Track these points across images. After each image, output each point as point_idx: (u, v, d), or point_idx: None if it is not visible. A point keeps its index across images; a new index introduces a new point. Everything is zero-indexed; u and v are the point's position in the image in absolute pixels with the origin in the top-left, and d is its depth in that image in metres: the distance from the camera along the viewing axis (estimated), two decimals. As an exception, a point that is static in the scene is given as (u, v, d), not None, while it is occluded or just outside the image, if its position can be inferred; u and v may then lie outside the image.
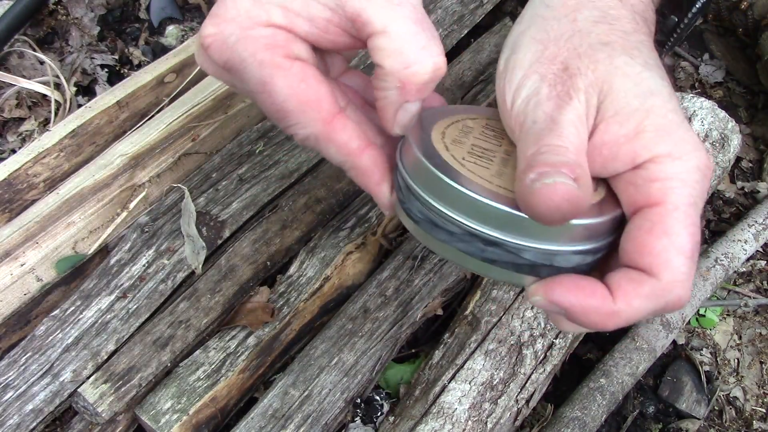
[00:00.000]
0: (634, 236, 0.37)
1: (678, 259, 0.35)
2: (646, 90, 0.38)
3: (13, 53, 0.83)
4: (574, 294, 0.36)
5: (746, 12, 0.91)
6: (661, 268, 0.35)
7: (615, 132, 0.37)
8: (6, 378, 0.57)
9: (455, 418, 0.59)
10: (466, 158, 0.39)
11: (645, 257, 0.36)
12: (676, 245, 0.35)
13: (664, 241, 0.35)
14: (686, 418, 0.73)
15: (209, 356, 0.61)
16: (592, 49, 0.39)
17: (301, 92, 0.39)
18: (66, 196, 0.64)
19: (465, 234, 0.36)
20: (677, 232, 0.35)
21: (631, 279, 0.36)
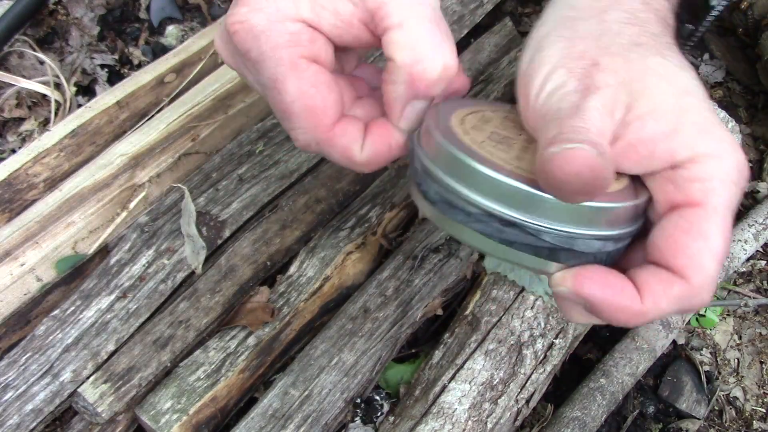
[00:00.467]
0: (669, 234, 0.36)
1: (711, 263, 0.35)
2: (682, 89, 0.38)
3: (13, 53, 0.83)
4: (603, 289, 0.35)
5: (746, 12, 0.91)
6: (695, 271, 0.35)
7: (652, 129, 0.36)
8: (6, 378, 0.57)
9: (455, 418, 0.59)
10: (486, 143, 0.38)
11: (679, 258, 0.35)
12: (712, 249, 0.35)
13: (701, 244, 0.35)
14: (686, 418, 0.73)
15: (209, 356, 0.61)
16: (623, 48, 0.38)
17: (309, 97, 0.39)
18: (66, 196, 0.64)
19: (483, 214, 0.36)
20: (714, 235, 0.35)
21: (660, 279, 0.36)
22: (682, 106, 0.37)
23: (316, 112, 0.39)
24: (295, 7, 0.39)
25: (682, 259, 0.35)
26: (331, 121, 0.40)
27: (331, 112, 0.40)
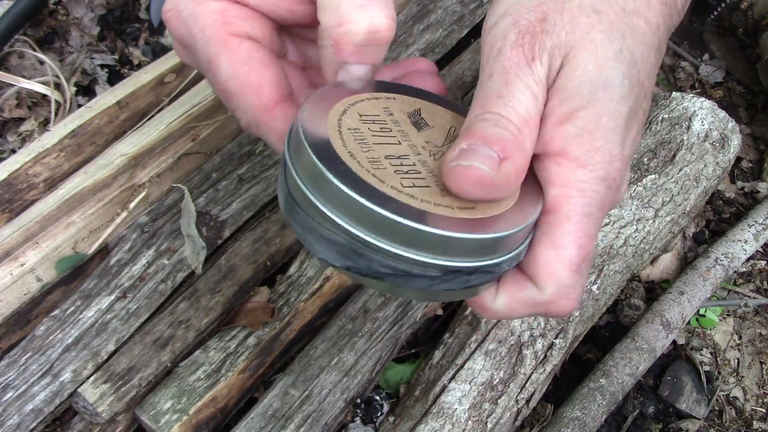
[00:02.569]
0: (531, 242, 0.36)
1: (563, 272, 0.34)
2: (602, 80, 0.35)
3: (13, 53, 0.83)
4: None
5: (746, 12, 0.91)
6: (545, 280, 0.35)
7: (551, 106, 0.35)
8: (6, 378, 0.57)
9: (455, 418, 0.59)
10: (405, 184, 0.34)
11: (531, 267, 0.35)
12: (563, 258, 0.34)
13: (551, 254, 0.34)
14: (686, 418, 0.73)
15: (209, 356, 0.61)
16: (579, 10, 0.35)
17: (243, 75, 0.37)
18: (66, 196, 0.64)
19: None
20: (565, 244, 0.34)
21: (515, 282, 0.35)
22: (589, 98, 0.35)
23: (251, 89, 0.37)
24: None
25: (533, 268, 0.35)
26: (268, 99, 0.38)
27: (268, 90, 0.38)
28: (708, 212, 0.88)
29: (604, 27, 0.35)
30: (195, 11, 0.38)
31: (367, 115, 0.38)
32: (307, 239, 0.34)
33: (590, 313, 0.68)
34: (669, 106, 0.79)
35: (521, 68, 0.35)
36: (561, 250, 0.34)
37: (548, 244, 0.34)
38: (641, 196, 0.72)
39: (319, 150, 0.33)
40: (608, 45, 0.35)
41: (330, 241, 0.33)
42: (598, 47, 0.35)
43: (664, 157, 0.74)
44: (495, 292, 0.36)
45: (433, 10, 0.82)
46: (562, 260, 0.34)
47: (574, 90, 0.34)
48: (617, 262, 0.69)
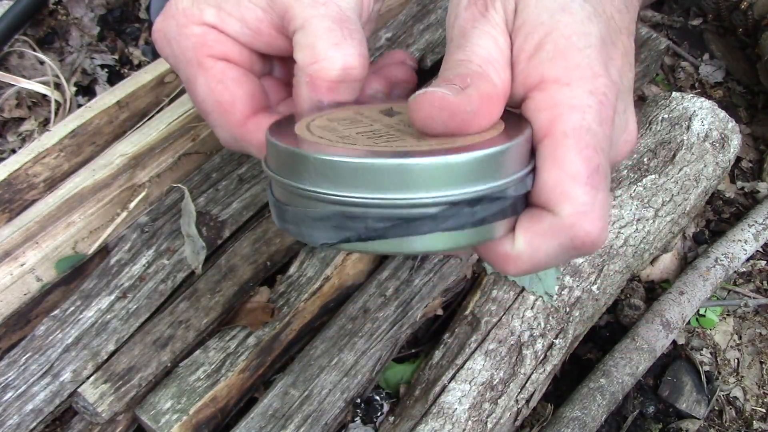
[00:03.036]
0: (535, 173, 0.33)
1: (575, 188, 0.32)
2: (559, 4, 0.34)
3: (13, 53, 0.83)
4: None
5: (746, 12, 0.91)
6: (558, 201, 0.32)
7: (518, 47, 0.34)
8: (6, 378, 0.57)
9: (455, 418, 0.59)
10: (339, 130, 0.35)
11: (541, 194, 0.33)
12: (571, 174, 0.32)
13: (556, 173, 0.32)
14: (686, 418, 0.73)
15: (209, 356, 0.61)
16: None
17: (217, 93, 0.39)
18: (66, 196, 0.64)
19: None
20: (569, 159, 0.32)
21: (531, 217, 0.33)
22: (552, 23, 0.33)
23: (224, 106, 0.40)
24: (200, 12, 0.40)
25: (544, 194, 0.32)
26: (241, 115, 0.40)
27: (241, 105, 0.40)
28: (708, 212, 0.88)
29: None
30: (178, 34, 0.40)
31: (337, 118, 0.38)
32: (303, 232, 0.33)
33: (590, 313, 0.68)
34: (669, 106, 0.78)
35: (476, 20, 0.35)
36: (566, 166, 0.32)
37: (551, 165, 0.32)
38: (641, 196, 0.72)
39: (288, 139, 0.34)
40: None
41: (322, 219, 0.32)
42: None
43: (664, 157, 0.74)
44: (513, 236, 0.33)
45: (433, 10, 0.82)
46: (571, 175, 0.32)
47: (535, 21, 0.34)
48: (617, 262, 0.69)
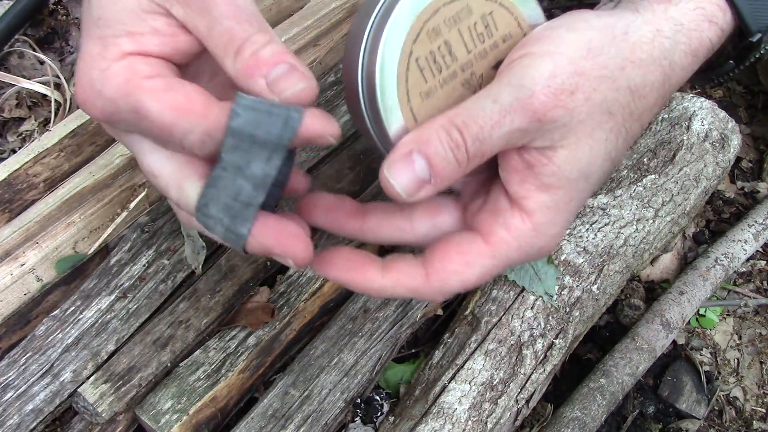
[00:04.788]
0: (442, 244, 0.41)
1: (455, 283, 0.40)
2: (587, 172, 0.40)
3: (13, 53, 0.83)
4: (346, 273, 0.41)
5: (746, 12, 0.91)
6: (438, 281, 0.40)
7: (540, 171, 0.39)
8: (6, 378, 0.57)
9: (455, 418, 0.59)
10: (420, 61, 0.39)
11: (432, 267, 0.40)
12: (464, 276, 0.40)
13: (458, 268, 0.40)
14: (686, 418, 0.73)
15: (209, 356, 0.61)
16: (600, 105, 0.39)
17: (170, 100, 0.37)
18: (66, 196, 0.64)
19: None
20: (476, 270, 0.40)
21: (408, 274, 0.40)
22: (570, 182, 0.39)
23: (184, 107, 0.37)
24: (116, 47, 0.38)
25: (435, 268, 0.39)
26: (202, 105, 0.37)
27: (199, 98, 0.38)
28: (708, 212, 0.88)
29: (608, 128, 0.39)
30: (104, 79, 0.38)
31: (493, 18, 0.41)
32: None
33: (590, 313, 0.68)
34: (669, 106, 0.79)
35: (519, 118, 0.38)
36: (468, 271, 0.40)
37: (461, 262, 0.40)
38: (641, 196, 0.72)
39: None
40: (604, 145, 0.39)
41: None
42: (595, 145, 0.39)
43: (664, 157, 0.74)
44: (381, 272, 0.40)
45: (433, 10, 0.82)
46: (463, 278, 0.40)
47: (566, 173, 0.39)
48: (617, 262, 0.69)
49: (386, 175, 0.38)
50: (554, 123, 0.37)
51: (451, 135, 0.37)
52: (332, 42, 0.78)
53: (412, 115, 0.39)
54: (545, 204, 0.39)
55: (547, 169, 0.38)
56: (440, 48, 0.40)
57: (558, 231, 0.40)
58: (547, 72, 0.37)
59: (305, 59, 0.76)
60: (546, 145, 0.38)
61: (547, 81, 0.37)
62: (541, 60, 0.38)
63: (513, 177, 0.39)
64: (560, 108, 0.37)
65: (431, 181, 0.38)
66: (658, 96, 0.41)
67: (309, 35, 0.76)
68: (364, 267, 0.41)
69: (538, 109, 0.37)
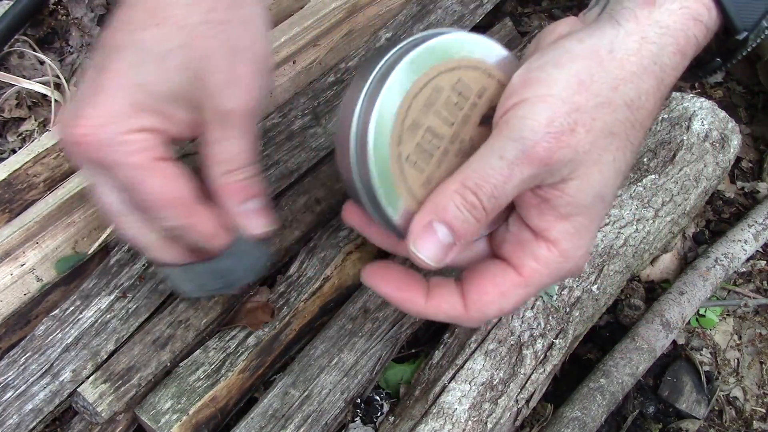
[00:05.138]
0: (481, 278, 0.43)
1: (493, 312, 0.43)
2: (601, 193, 0.41)
3: (13, 53, 0.83)
4: (393, 290, 0.44)
5: (746, 12, 0.91)
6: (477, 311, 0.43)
7: (556, 204, 0.41)
8: (6, 378, 0.57)
9: (455, 418, 0.59)
10: (411, 158, 0.41)
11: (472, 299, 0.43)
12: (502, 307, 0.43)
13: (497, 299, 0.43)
14: (686, 418, 0.73)
15: (209, 356, 0.61)
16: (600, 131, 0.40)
17: (171, 190, 0.43)
18: (66, 196, 0.64)
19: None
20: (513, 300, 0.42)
21: (449, 302, 0.43)
22: (588, 207, 0.41)
23: (179, 201, 0.43)
24: (142, 121, 0.41)
25: (474, 299, 0.42)
26: (192, 203, 0.44)
27: (190, 198, 0.44)
28: (708, 212, 0.88)
29: (613, 148, 0.40)
30: (120, 141, 0.41)
31: (462, 84, 0.42)
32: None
33: (590, 313, 0.68)
34: (669, 106, 0.79)
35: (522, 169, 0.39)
36: (505, 301, 0.42)
37: (497, 293, 0.42)
38: (641, 196, 0.72)
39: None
40: (613, 165, 0.41)
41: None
42: (605, 168, 0.40)
43: (664, 157, 0.74)
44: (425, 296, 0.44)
45: (433, 10, 0.82)
46: (500, 308, 0.42)
47: (581, 200, 0.40)
48: (617, 262, 0.69)
49: (413, 251, 0.40)
50: (561, 162, 0.38)
51: (466, 198, 0.39)
52: (332, 42, 0.78)
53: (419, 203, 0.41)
54: (567, 231, 0.41)
55: (562, 200, 0.40)
56: (424, 137, 0.41)
57: (584, 252, 0.42)
58: (544, 119, 0.38)
59: (305, 59, 0.76)
60: (557, 180, 0.39)
61: (547, 128, 0.38)
62: (537, 106, 0.38)
63: (531, 212, 0.41)
64: (564, 149, 0.38)
65: (455, 244, 0.40)
66: (656, 100, 0.41)
67: (309, 35, 0.76)
68: (412, 289, 0.44)
69: (543, 157, 0.38)
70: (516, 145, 0.38)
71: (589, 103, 0.38)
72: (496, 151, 0.38)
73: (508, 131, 0.38)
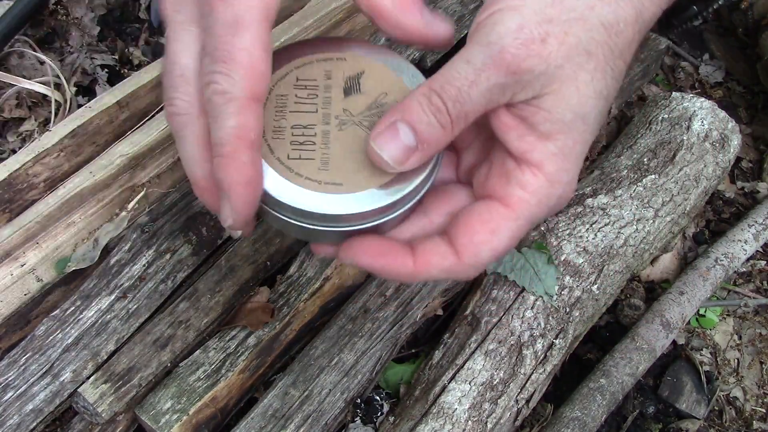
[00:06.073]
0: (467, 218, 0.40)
1: (487, 254, 0.40)
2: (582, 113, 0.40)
3: (13, 53, 0.83)
4: (377, 259, 0.40)
5: (746, 12, 0.91)
6: (471, 255, 0.40)
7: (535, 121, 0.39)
8: (6, 378, 0.57)
9: (455, 418, 0.59)
10: (291, 155, 0.40)
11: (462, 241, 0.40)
12: (494, 246, 0.40)
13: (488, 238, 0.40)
14: (686, 418, 0.73)
15: (209, 356, 0.61)
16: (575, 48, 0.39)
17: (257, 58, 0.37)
18: (66, 196, 0.64)
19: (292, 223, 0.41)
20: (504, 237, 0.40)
21: (438, 253, 0.40)
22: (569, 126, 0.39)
23: (257, 72, 0.37)
24: None
25: (464, 243, 0.40)
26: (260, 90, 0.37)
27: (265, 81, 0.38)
28: (708, 212, 0.88)
29: (591, 68, 0.39)
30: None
31: (303, 80, 0.42)
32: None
33: (590, 313, 0.68)
34: (669, 106, 0.79)
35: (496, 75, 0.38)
36: (497, 239, 0.40)
37: (487, 231, 0.40)
38: (641, 196, 0.72)
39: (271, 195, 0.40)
40: (591, 85, 0.39)
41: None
42: (582, 86, 0.39)
43: (664, 157, 0.74)
44: (411, 257, 0.41)
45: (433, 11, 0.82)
46: (493, 246, 0.40)
47: (559, 115, 0.39)
48: (617, 262, 0.69)
49: (373, 147, 0.38)
50: (531, 73, 0.37)
51: (431, 100, 0.37)
52: (332, 42, 0.78)
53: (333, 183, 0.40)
54: (551, 152, 0.39)
55: (539, 116, 0.39)
56: (294, 133, 0.41)
57: (571, 177, 0.40)
58: (514, 25, 0.37)
59: (305, 59, 0.76)
60: (530, 96, 0.38)
61: (516, 34, 0.37)
62: (508, 15, 0.38)
63: (510, 134, 0.39)
64: (533, 57, 0.37)
65: (418, 148, 0.38)
66: (634, 32, 0.41)
67: (309, 35, 0.76)
68: (395, 253, 0.41)
69: (510, 63, 0.37)
70: (483, 50, 0.37)
71: (562, 16, 0.38)
72: (463, 56, 0.37)
73: (477, 38, 0.38)
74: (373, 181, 0.40)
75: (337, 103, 0.42)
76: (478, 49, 0.37)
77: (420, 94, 0.38)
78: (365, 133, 0.41)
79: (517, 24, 0.37)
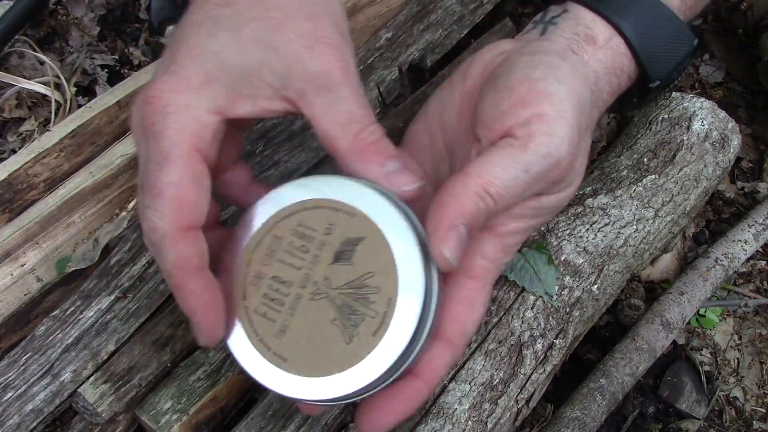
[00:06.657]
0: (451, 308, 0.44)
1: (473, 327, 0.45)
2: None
3: (13, 53, 0.83)
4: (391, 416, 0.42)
5: (746, 12, 0.91)
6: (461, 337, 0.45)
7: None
8: (6, 378, 0.57)
9: (455, 418, 0.59)
10: (258, 310, 0.40)
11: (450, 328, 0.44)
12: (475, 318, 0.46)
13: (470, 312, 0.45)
14: (686, 418, 0.73)
15: (209, 356, 0.61)
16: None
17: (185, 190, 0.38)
18: (66, 197, 0.64)
19: None
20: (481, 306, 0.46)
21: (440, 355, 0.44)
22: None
23: (183, 203, 0.38)
24: (212, 99, 0.40)
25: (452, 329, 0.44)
26: (190, 221, 0.39)
27: (196, 214, 0.39)
28: (708, 212, 0.88)
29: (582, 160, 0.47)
30: (180, 112, 0.39)
31: (304, 227, 0.41)
32: None
33: (590, 313, 0.68)
34: (669, 106, 0.79)
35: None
36: (476, 311, 0.45)
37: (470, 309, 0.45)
38: (641, 196, 0.72)
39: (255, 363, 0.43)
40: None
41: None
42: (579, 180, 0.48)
43: (664, 157, 0.74)
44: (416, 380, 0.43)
45: (433, 10, 0.82)
46: (474, 320, 0.45)
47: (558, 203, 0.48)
48: (617, 262, 0.69)
49: (445, 255, 0.39)
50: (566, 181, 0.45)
51: (486, 203, 0.40)
52: (332, 42, 0.78)
53: (279, 356, 0.40)
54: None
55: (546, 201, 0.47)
56: (270, 286, 0.40)
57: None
58: (567, 138, 0.42)
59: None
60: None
61: (569, 148, 0.42)
62: (558, 125, 0.42)
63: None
64: (571, 169, 0.44)
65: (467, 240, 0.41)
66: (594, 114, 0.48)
67: (309, 35, 0.76)
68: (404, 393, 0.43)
69: (561, 174, 0.43)
70: (542, 162, 0.41)
71: (582, 126, 0.44)
72: (522, 164, 0.40)
73: (534, 146, 0.41)
74: (316, 368, 0.39)
75: (323, 267, 0.40)
76: (536, 160, 0.41)
77: (476, 195, 0.40)
78: (333, 313, 0.39)
79: (569, 137, 0.42)
